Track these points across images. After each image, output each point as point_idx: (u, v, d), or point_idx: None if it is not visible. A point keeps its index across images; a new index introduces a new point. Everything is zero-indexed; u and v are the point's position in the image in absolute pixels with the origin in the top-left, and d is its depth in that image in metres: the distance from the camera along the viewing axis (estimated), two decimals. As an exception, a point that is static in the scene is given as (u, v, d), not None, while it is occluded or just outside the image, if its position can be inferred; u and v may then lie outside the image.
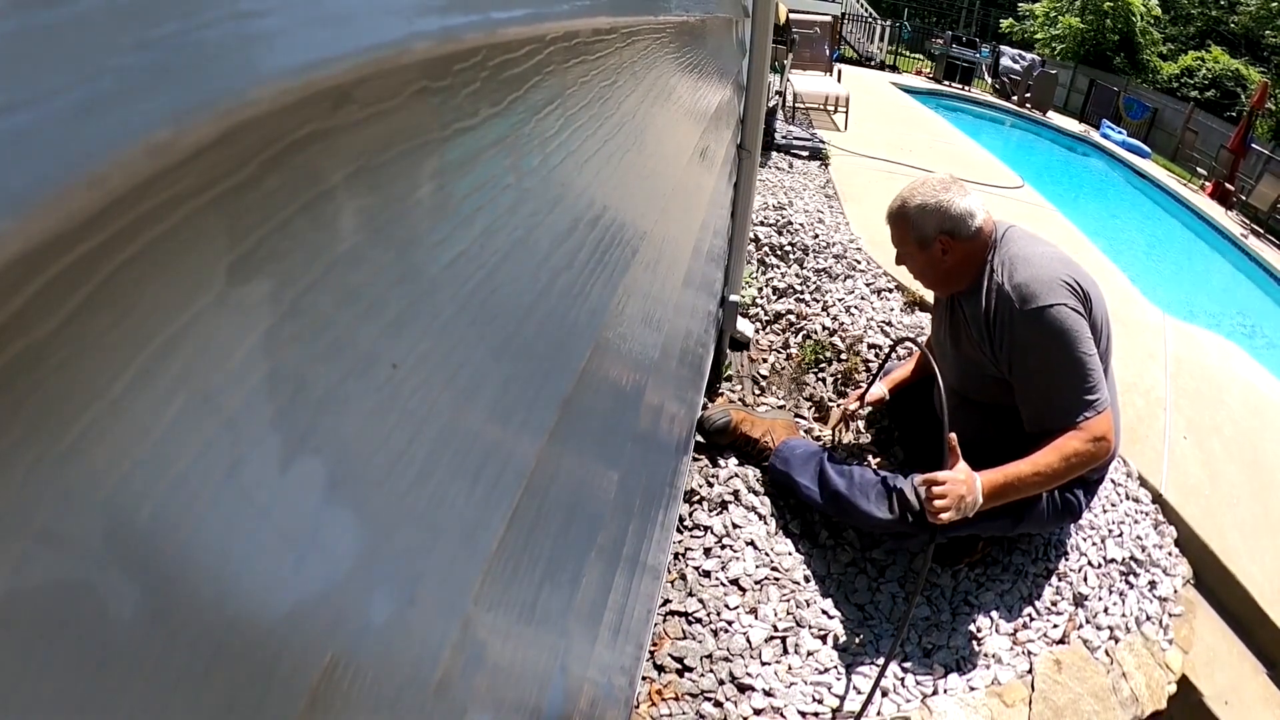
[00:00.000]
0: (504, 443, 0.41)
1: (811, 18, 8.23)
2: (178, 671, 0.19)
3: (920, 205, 1.56)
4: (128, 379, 0.17)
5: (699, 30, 1.11)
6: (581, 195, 0.53)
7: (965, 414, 1.65)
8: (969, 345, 1.63)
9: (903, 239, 1.62)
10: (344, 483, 0.26)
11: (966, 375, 1.67)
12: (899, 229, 1.62)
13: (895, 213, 1.62)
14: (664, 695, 1.36)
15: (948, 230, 1.55)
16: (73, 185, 0.13)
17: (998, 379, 1.59)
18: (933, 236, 1.56)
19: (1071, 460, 1.46)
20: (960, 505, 1.44)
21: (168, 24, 0.15)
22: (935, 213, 1.55)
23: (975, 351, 1.61)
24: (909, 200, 1.58)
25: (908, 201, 1.58)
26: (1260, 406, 2.80)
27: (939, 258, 1.58)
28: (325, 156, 0.24)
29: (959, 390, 1.69)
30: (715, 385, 2.23)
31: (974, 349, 1.61)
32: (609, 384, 0.69)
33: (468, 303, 0.35)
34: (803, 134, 5.11)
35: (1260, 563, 2.04)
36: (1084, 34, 17.97)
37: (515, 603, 0.46)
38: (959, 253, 1.57)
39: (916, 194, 1.58)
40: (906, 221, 1.59)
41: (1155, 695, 1.63)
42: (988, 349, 1.56)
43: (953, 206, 1.55)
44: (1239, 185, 9.78)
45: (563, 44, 0.46)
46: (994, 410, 1.64)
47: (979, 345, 1.58)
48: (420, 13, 0.26)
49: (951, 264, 1.59)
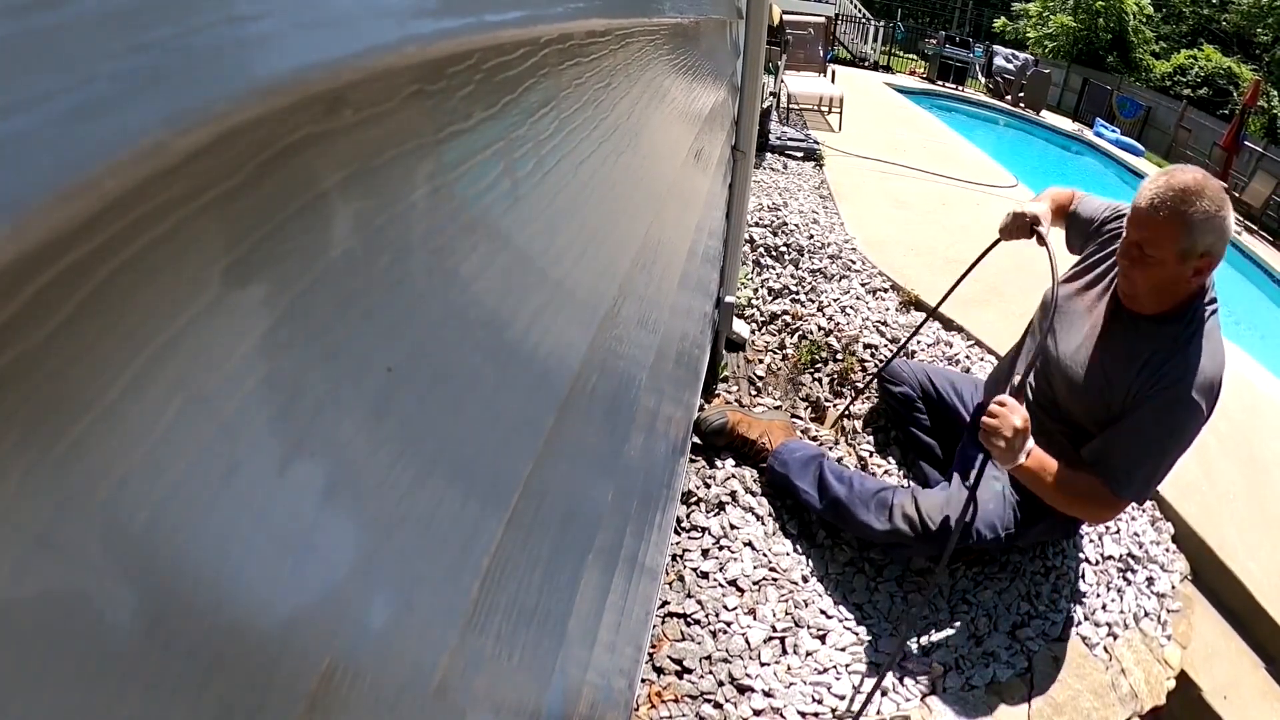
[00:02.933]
0: (501, 445, 0.41)
1: (805, 18, 8.24)
2: (176, 678, 0.19)
3: (1205, 216, 1.24)
4: (123, 384, 0.17)
5: (693, 32, 1.11)
6: (577, 197, 0.53)
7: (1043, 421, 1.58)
8: (1114, 359, 1.43)
9: (1161, 244, 1.28)
10: (341, 487, 0.26)
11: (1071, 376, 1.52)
12: (1163, 232, 1.27)
13: (1167, 213, 1.25)
14: (663, 697, 1.36)
15: (1216, 253, 1.28)
16: (67, 190, 0.13)
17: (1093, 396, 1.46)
18: (1199, 252, 1.27)
19: (1079, 504, 1.43)
20: (1004, 442, 1.36)
21: (162, 28, 0.15)
22: (1216, 229, 1.26)
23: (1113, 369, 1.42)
24: (1188, 204, 1.24)
25: (1186, 204, 1.24)
26: (1256, 403, 2.81)
27: (1187, 277, 1.30)
28: (320, 160, 0.24)
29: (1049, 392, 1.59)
30: (712, 386, 2.23)
31: (1115, 367, 1.42)
32: (605, 387, 0.69)
33: (463, 306, 0.35)
34: (797, 135, 5.13)
35: (1257, 558, 2.05)
36: (1077, 33, 18.03)
37: (513, 605, 0.46)
38: (1200, 282, 1.34)
39: (1197, 200, 1.24)
40: (1180, 227, 1.25)
41: (1154, 691, 1.64)
42: (1130, 379, 1.38)
43: (1229, 226, 1.28)
44: (1232, 182, 9.83)
45: (557, 46, 0.46)
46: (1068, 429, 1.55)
47: (1126, 368, 1.39)
48: (414, 16, 0.26)
49: (1191, 290, 1.34)
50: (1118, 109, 13.24)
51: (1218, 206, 1.25)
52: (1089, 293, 1.56)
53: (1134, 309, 1.43)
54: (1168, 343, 1.35)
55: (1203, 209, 1.24)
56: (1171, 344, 1.35)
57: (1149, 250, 1.30)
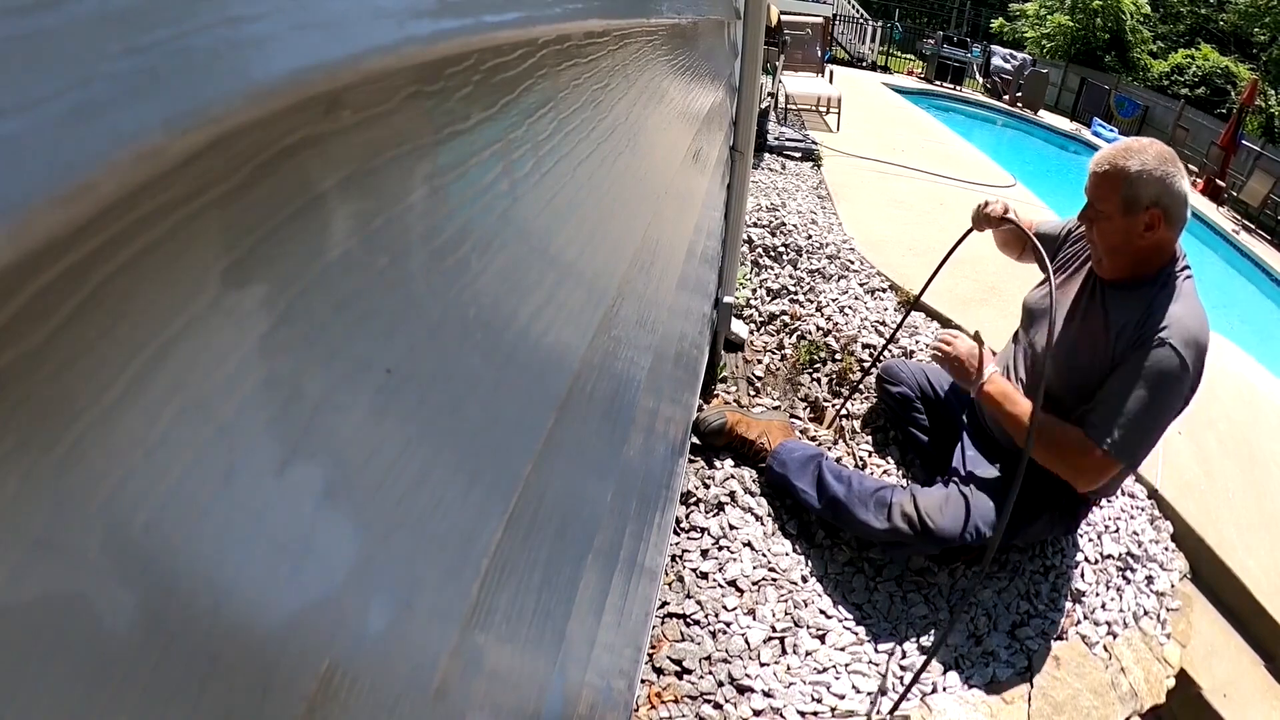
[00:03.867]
0: (499, 447, 0.41)
1: (803, 19, 8.24)
2: (174, 682, 0.19)
3: (1142, 168, 1.38)
4: (121, 386, 0.17)
5: (691, 33, 1.11)
6: (575, 198, 0.53)
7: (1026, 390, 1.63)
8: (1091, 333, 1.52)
9: (1106, 196, 1.42)
10: (339, 489, 0.26)
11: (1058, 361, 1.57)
12: (1105, 184, 1.42)
13: (1108, 166, 1.41)
14: (663, 698, 1.36)
15: (1163, 206, 1.39)
16: (65, 192, 0.13)
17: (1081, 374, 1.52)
18: (1144, 205, 1.39)
19: (1057, 453, 1.47)
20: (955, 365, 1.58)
21: (159, 30, 0.15)
22: (1157, 182, 1.38)
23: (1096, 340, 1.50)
24: (1126, 158, 1.40)
25: (1125, 159, 1.40)
26: (1254, 401, 2.81)
27: (1138, 231, 1.42)
28: (318, 162, 0.24)
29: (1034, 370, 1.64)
30: (710, 387, 2.23)
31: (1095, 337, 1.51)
32: (604, 387, 0.69)
33: (462, 307, 0.35)
34: (795, 135, 5.13)
35: (1256, 556, 2.05)
36: (1074, 33, 18.06)
37: (513, 607, 0.46)
38: (1156, 238, 1.43)
39: (1136, 155, 1.39)
40: (1119, 178, 1.40)
41: (1154, 689, 1.64)
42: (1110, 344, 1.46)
43: (1175, 184, 1.39)
44: (1230, 181, 9.84)
45: (555, 47, 0.46)
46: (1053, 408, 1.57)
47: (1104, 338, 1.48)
48: (412, 17, 0.26)
49: (1145, 245, 1.44)
50: (1115, 108, 13.26)
51: (1159, 162, 1.38)
52: (1068, 285, 1.64)
53: (1106, 276, 1.54)
54: (1142, 304, 1.44)
55: (1140, 161, 1.39)
56: (1147, 305, 1.44)
57: (1099, 206, 1.45)
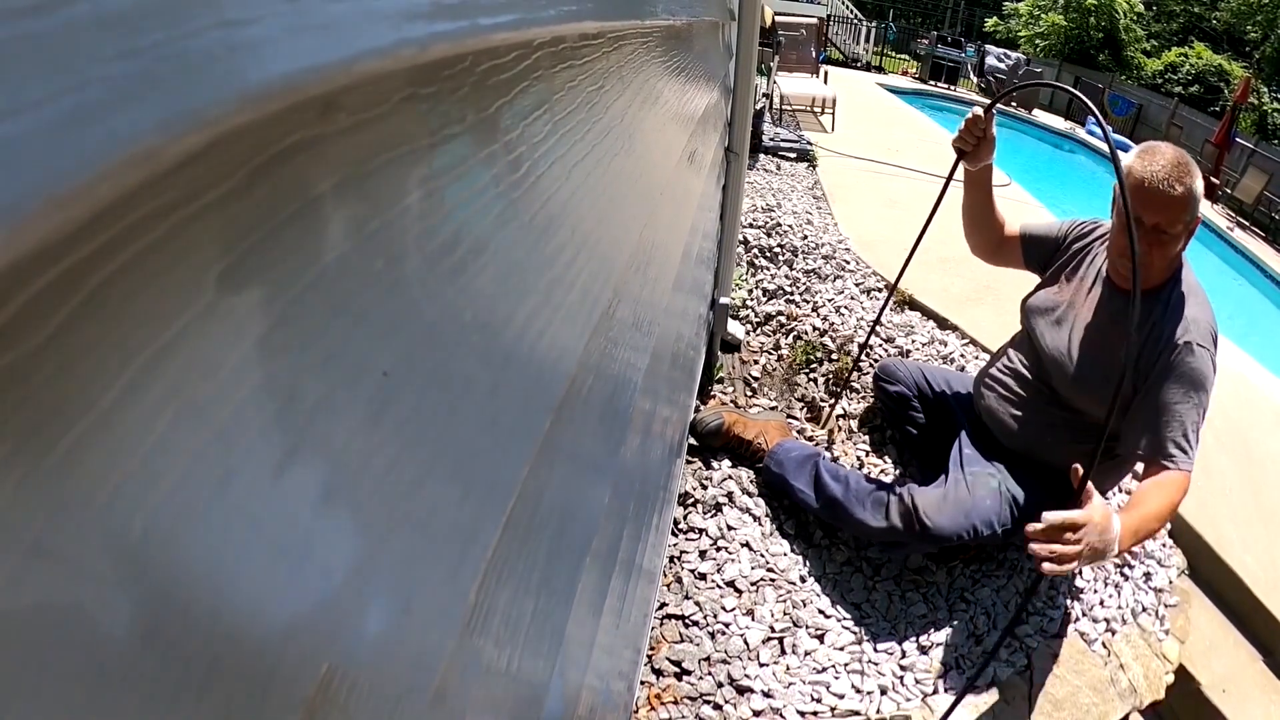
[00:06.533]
0: (497, 449, 0.41)
1: (797, 20, 8.26)
2: (172, 687, 0.19)
3: (1196, 183, 1.34)
4: (118, 391, 0.17)
5: (685, 34, 1.11)
6: (570, 200, 0.53)
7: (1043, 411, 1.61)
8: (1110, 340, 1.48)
9: (1178, 218, 1.35)
10: (337, 493, 0.26)
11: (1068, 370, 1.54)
12: (1178, 207, 1.33)
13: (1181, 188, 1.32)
14: (663, 699, 1.36)
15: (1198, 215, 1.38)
16: (60, 196, 0.13)
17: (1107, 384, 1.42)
18: (1191, 219, 1.37)
19: (1171, 506, 1.34)
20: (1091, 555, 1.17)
21: (154, 33, 0.15)
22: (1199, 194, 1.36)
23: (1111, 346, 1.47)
24: (1188, 174, 1.33)
25: (1188, 175, 1.33)
26: (1250, 398, 2.82)
27: (1184, 246, 1.41)
28: (313, 165, 0.24)
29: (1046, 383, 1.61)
30: (707, 388, 2.23)
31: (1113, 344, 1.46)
32: (601, 389, 0.69)
33: (458, 309, 0.35)
34: (790, 136, 5.13)
35: (1254, 551, 2.05)
36: (1068, 31, 18.12)
37: (511, 609, 0.46)
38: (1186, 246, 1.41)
39: (1189, 169, 1.34)
40: (1190, 199, 1.34)
41: (1153, 686, 1.64)
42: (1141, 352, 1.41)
43: None
44: (1224, 179, 9.87)
45: (549, 49, 0.46)
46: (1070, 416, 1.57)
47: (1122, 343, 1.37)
48: (407, 19, 0.26)
49: (1179, 252, 1.42)
50: (1109, 107, 13.31)
51: (1197, 173, 1.36)
52: (1075, 292, 1.61)
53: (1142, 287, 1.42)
54: (1161, 307, 1.42)
55: (1194, 173, 1.35)
56: (1165, 307, 1.42)
57: (1167, 229, 1.35)
